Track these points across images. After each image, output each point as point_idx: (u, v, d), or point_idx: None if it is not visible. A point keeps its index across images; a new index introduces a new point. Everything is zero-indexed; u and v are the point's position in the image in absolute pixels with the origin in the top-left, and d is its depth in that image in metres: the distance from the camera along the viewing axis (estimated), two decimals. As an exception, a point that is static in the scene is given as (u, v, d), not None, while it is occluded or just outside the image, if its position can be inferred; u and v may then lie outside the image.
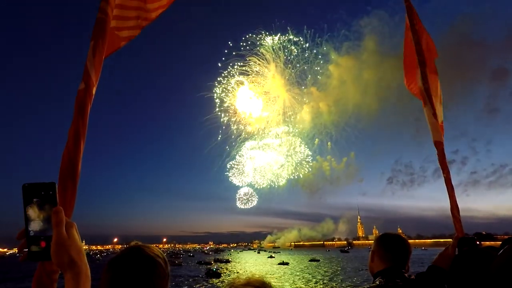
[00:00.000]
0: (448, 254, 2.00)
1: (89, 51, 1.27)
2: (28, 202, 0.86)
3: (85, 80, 1.23)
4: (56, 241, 0.84)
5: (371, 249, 2.07)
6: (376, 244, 2.03)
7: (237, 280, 1.03)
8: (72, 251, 0.84)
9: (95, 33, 1.32)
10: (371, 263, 2.02)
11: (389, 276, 1.82)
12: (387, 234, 2.06)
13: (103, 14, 1.37)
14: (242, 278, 1.04)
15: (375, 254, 2.00)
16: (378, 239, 2.06)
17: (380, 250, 1.98)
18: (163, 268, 1.17)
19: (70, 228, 0.88)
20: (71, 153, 1.11)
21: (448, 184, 2.37)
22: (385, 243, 1.99)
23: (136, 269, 1.09)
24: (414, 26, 2.97)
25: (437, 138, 2.54)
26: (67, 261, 0.83)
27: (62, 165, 1.09)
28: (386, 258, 1.93)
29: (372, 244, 2.09)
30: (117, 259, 1.13)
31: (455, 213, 2.28)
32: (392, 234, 2.06)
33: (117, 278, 1.07)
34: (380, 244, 2.00)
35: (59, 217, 0.85)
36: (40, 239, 0.86)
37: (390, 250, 1.95)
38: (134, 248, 1.17)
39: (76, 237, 0.89)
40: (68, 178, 1.08)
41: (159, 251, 1.22)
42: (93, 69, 1.26)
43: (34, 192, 0.86)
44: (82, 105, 1.19)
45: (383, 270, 1.89)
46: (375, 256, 1.99)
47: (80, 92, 1.21)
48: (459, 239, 2.01)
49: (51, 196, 0.87)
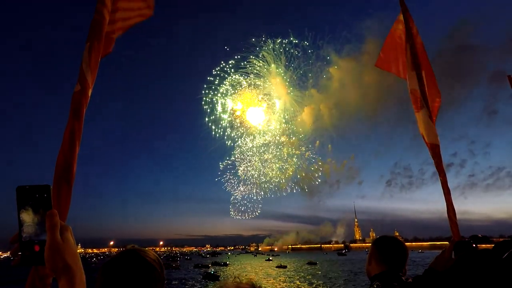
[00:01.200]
0: (445, 258, 1.99)
1: (85, 53, 1.27)
2: (22, 205, 0.83)
3: (81, 82, 1.22)
4: (50, 245, 0.80)
5: (369, 251, 2.06)
6: (373, 247, 2.02)
7: (225, 285, 0.98)
8: (66, 255, 0.81)
9: (91, 34, 1.31)
10: (368, 266, 2.01)
11: (386, 280, 1.81)
12: (384, 237, 2.05)
13: (99, 15, 1.37)
14: (230, 282, 0.99)
15: (372, 257, 1.99)
16: (375, 242, 2.05)
17: (377, 253, 1.97)
18: (158, 272, 1.15)
19: (65, 232, 0.84)
20: (66, 155, 1.10)
21: (444, 187, 2.37)
22: (382, 246, 1.98)
23: (131, 273, 1.08)
24: (410, 30, 3.00)
25: (434, 140, 2.55)
26: (61, 266, 0.80)
27: (57, 168, 1.08)
28: (383, 261, 1.92)
29: (369, 247, 2.09)
30: (112, 262, 1.12)
31: (452, 216, 2.29)
32: (389, 237, 2.05)
33: (112, 281, 1.05)
34: (377, 247, 1.99)
35: (54, 221, 0.82)
36: (34, 243, 0.82)
37: (387, 253, 1.94)
38: (129, 252, 1.16)
39: (71, 241, 0.85)
40: (63, 181, 1.07)
41: (154, 255, 1.20)
42: (89, 70, 1.25)
43: (28, 194, 0.83)
44: (77, 107, 1.18)
45: (380, 273, 1.88)
46: (372, 259, 1.98)
47: (75, 94, 1.20)
48: (455, 243, 2.01)
49: (45, 199, 0.84)
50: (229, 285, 0.98)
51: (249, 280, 1.00)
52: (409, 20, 3.04)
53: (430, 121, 2.60)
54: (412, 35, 2.97)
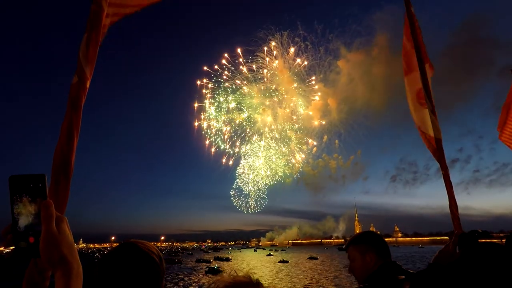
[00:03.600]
0: (449, 251, 1.97)
1: (82, 44, 1.23)
2: (15, 195, 0.79)
3: (78, 74, 1.19)
4: (45, 236, 0.77)
5: (354, 249, 2.03)
6: (363, 243, 2.01)
7: (221, 278, 0.96)
8: (62, 247, 0.78)
9: (89, 25, 1.28)
10: (360, 263, 1.97)
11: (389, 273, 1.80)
12: (366, 232, 2.11)
13: (97, 6, 1.33)
14: (226, 276, 0.97)
15: (365, 253, 1.95)
16: (362, 238, 2.05)
17: (371, 248, 1.96)
18: (157, 264, 1.15)
19: (60, 223, 0.81)
20: (64, 148, 1.08)
21: (447, 182, 2.36)
22: (372, 240, 2.00)
23: (129, 265, 1.08)
24: (414, 24, 2.96)
25: (438, 135, 2.53)
26: (57, 258, 0.77)
27: (55, 160, 1.06)
28: (379, 255, 1.93)
29: (352, 246, 2.06)
30: (110, 254, 1.11)
31: (454, 211, 2.27)
32: (367, 231, 2.13)
33: (110, 273, 1.05)
34: (368, 241, 2.00)
35: (49, 211, 0.78)
36: (29, 235, 0.79)
37: (380, 246, 1.97)
38: (127, 244, 1.16)
39: (67, 232, 0.82)
40: (60, 173, 1.05)
41: (153, 247, 1.20)
42: (87, 62, 1.22)
43: (22, 184, 0.79)
44: (75, 99, 1.16)
45: (379, 268, 1.86)
46: (367, 255, 1.95)
47: (73, 86, 1.17)
48: (459, 235, 1.97)
49: (40, 189, 0.80)
50: (225, 278, 0.96)
51: (247, 274, 0.98)
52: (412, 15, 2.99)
53: (433, 116, 2.58)
54: (415, 30, 2.92)
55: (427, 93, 2.64)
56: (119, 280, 1.04)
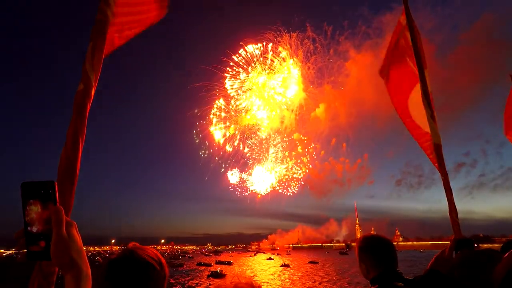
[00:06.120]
0: (445, 257, 1.95)
1: (88, 52, 1.27)
2: (27, 200, 0.83)
3: (84, 81, 1.23)
4: (56, 241, 0.81)
5: (357, 255, 1.99)
6: (361, 251, 1.97)
7: (223, 285, 0.97)
8: (72, 251, 0.82)
9: (94, 34, 1.32)
10: (363, 270, 1.95)
11: (386, 281, 1.78)
12: (368, 238, 2.01)
13: (102, 15, 1.37)
14: (228, 283, 0.97)
15: (363, 262, 1.93)
16: (361, 246, 1.99)
17: (368, 257, 1.92)
18: (158, 270, 1.16)
19: (70, 228, 0.85)
20: (69, 154, 1.11)
21: (446, 187, 2.38)
22: (371, 248, 1.93)
23: (129, 274, 1.10)
24: (413, 28, 2.98)
25: (438, 141, 2.56)
26: (67, 261, 0.81)
27: (60, 166, 1.09)
28: (377, 264, 1.88)
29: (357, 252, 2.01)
30: (112, 262, 1.14)
31: (453, 216, 2.29)
32: (372, 236, 2.01)
33: (111, 282, 1.09)
34: (365, 250, 1.94)
35: (59, 216, 0.82)
36: (40, 239, 0.83)
37: (378, 254, 1.90)
38: (127, 251, 1.17)
39: (77, 236, 0.86)
40: (66, 179, 1.08)
41: (154, 253, 1.21)
42: (92, 70, 1.25)
43: (33, 190, 0.83)
44: (80, 106, 1.19)
45: (378, 275, 1.83)
46: (364, 264, 1.93)
47: (78, 93, 1.21)
48: (456, 241, 1.97)
49: (50, 195, 0.84)
50: (227, 284, 0.97)
51: (248, 280, 0.99)
52: (410, 17, 3.01)
53: (432, 121, 2.60)
54: (414, 33, 2.95)
55: (427, 99, 2.67)
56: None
